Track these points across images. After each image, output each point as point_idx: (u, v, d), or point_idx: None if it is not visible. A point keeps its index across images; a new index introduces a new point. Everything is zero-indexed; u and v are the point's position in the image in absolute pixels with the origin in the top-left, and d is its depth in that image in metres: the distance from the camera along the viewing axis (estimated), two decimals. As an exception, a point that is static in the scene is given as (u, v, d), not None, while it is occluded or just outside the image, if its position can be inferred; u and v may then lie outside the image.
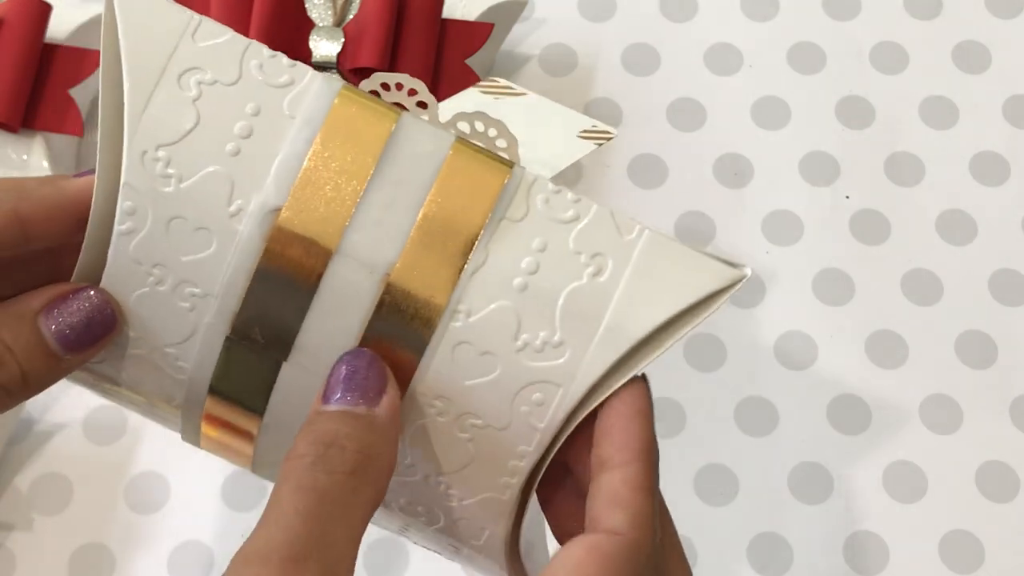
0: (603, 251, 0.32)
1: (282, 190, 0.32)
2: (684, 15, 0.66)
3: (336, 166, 0.32)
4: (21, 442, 0.55)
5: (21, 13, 0.56)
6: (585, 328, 0.32)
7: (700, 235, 0.60)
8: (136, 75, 0.32)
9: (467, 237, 0.32)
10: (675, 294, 0.32)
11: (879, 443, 0.56)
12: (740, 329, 0.58)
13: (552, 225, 0.32)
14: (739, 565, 0.54)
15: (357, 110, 0.32)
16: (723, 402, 0.57)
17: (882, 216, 0.61)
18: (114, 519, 0.54)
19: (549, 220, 0.32)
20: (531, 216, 0.32)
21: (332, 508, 0.29)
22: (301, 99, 0.32)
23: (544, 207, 0.32)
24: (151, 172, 0.32)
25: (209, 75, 0.32)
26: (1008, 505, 0.55)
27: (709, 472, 0.55)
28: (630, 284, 0.32)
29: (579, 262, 0.32)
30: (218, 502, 0.55)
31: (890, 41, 0.65)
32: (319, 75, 0.32)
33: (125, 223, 0.32)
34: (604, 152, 0.62)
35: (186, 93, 0.32)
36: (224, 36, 0.32)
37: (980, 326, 0.58)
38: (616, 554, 0.30)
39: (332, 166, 0.32)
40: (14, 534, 0.54)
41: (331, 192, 0.32)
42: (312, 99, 0.32)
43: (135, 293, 0.33)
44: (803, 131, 0.63)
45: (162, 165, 0.32)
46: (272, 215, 0.32)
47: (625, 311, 0.32)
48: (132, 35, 0.32)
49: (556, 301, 0.32)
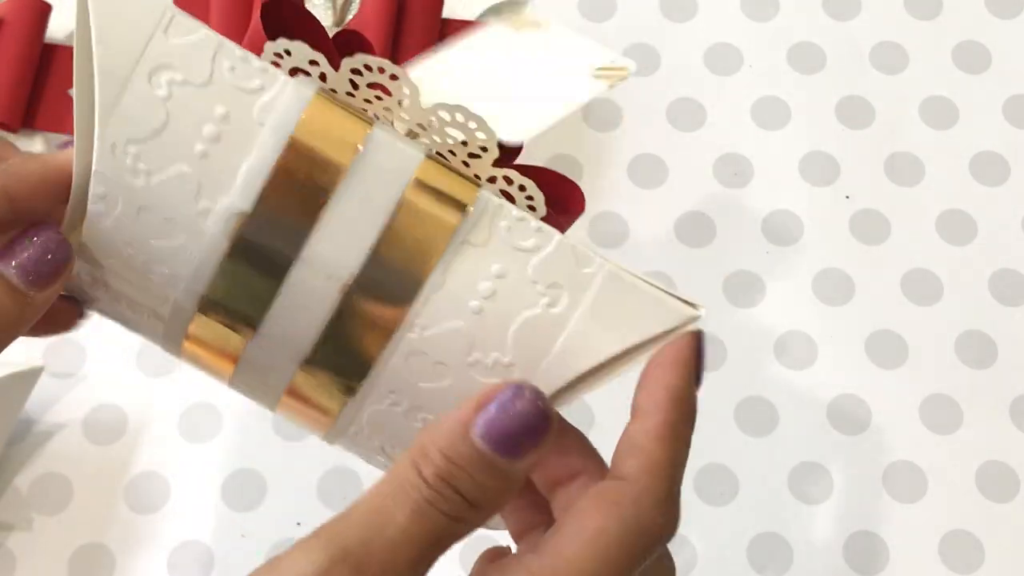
0: (560, 283, 0.33)
1: (248, 196, 0.32)
2: (684, 15, 0.66)
3: (303, 176, 0.32)
4: (21, 442, 0.55)
5: (21, 13, 0.56)
6: (534, 355, 0.33)
7: (699, 235, 0.60)
8: (107, 69, 0.32)
9: (428, 258, 0.32)
10: (625, 332, 0.33)
11: (879, 443, 0.56)
12: (740, 329, 0.58)
13: (512, 253, 0.33)
14: (739, 565, 0.54)
15: (328, 121, 0.32)
16: (723, 402, 0.57)
17: (882, 216, 0.61)
18: (114, 519, 0.54)
19: (510, 247, 0.33)
20: (492, 242, 0.33)
21: (435, 545, 0.29)
22: (272, 107, 0.32)
23: (506, 234, 0.33)
24: (121, 163, 0.32)
25: (180, 75, 0.32)
26: (1008, 505, 0.55)
27: (709, 472, 0.55)
28: (583, 318, 0.33)
29: (536, 291, 0.33)
30: (218, 502, 0.55)
31: (890, 41, 0.65)
32: (291, 81, 0.32)
33: (97, 204, 0.33)
34: (604, 152, 0.62)
35: (157, 91, 0.32)
36: (197, 34, 0.32)
37: (980, 326, 0.58)
38: (620, 500, 0.30)
39: (299, 176, 0.32)
40: (14, 534, 0.54)
41: (297, 202, 0.32)
42: (283, 107, 0.32)
43: (108, 259, 0.34)
44: (803, 131, 0.63)
45: (132, 159, 0.32)
46: (238, 218, 0.32)
47: (575, 344, 0.33)
48: (104, 27, 0.32)
49: (509, 327, 0.33)
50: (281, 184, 0.32)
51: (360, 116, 0.33)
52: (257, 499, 0.54)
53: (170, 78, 0.32)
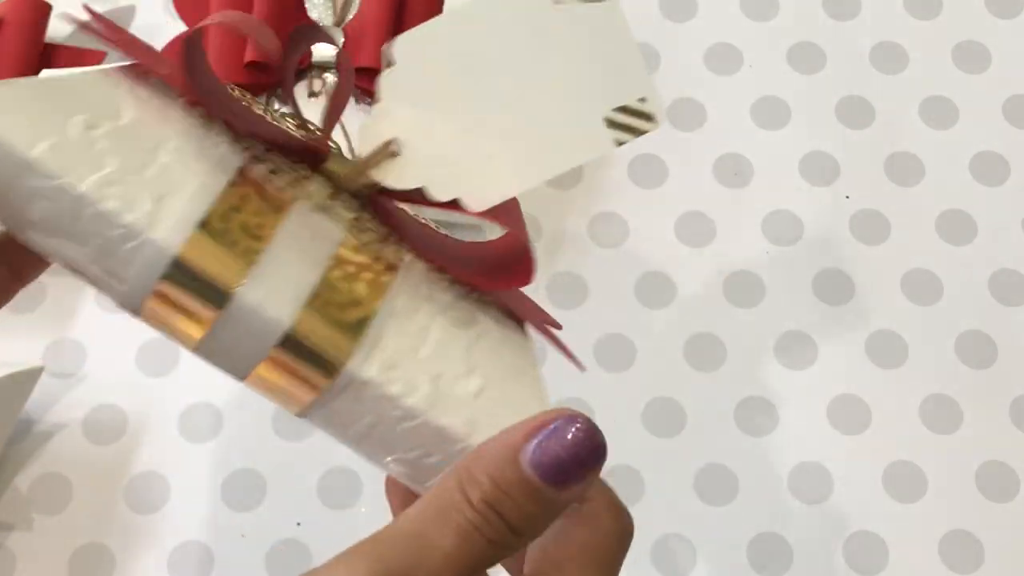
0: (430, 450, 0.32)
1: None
2: (684, 15, 0.66)
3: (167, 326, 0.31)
4: (21, 442, 0.55)
5: (21, 13, 0.56)
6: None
7: (699, 235, 0.60)
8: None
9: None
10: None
11: (879, 443, 0.56)
12: (740, 329, 0.58)
13: (379, 412, 0.32)
14: (739, 565, 0.54)
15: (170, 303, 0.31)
16: (723, 402, 0.57)
17: (882, 216, 0.61)
18: (114, 519, 0.54)
19: (377, 409, 0.32)
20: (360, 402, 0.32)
21: (475, 569, 0.29)
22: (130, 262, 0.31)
23: (372, 403, 0.32)
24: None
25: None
26: (1008, 505, 0.55)
27: (709, 472, 0.55)
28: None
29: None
30: (218, 502, 0.54)
31: (890, 41, 0.65)
32: (150, 240, 0.30)
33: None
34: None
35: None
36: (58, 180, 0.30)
37: (980, 326, 0.58)
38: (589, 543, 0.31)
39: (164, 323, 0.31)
40: (14, 534, 0.54)
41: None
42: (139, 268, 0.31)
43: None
44: (803, 131, 0.63)
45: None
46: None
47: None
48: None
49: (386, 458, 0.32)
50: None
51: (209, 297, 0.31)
52: (257, 499, 0.54)
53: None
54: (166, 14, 0.65)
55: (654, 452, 0.55)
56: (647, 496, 0.55)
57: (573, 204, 0.61)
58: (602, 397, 0.56)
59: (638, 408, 0.56)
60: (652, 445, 0.56)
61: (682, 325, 0.58)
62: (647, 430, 0.56)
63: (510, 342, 0.34)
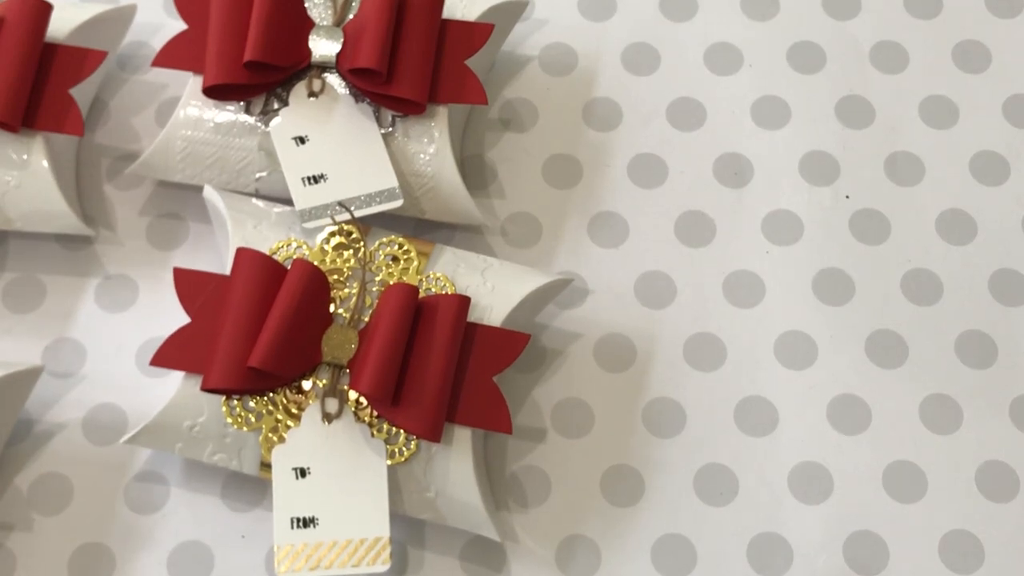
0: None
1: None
2: (684, 15, 0.66)
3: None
4: (21, 442, 0.55)
5: (21, 13, 0.56)
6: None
7: (699, 235, 0.60)
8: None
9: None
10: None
11: (879, 443, 0.56)
12: (740, 329, 0.58)
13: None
14: (739, 565, 0.54)
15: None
16: (723, 402, 0.57)
17: (882, 216, 0.61)
18: (114, 519, 0.54)
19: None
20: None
21: None
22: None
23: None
24: None
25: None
26: (1008, 505, 0.55)
27: (709, 472, 0.55)
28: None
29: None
30: (218, 502, 0.55)
31: (890, 41, 0.65)
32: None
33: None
34: (604, 152, 0.62)
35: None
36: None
37: (980, 326, 0.58)
38: None
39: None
40: (14, 534, 0.54)
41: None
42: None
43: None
44: (803, 131, 0.63)
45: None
46: None
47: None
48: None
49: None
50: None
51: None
52: (257, 499, 0.54)
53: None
54: (166, 14, 0.65)
55: (654, 452, 0.55)
56: (647, 496, 0.55)
57: (573, 204, 0.61)
58: (602, 397, 0.56)
59: (638, 408, 0.56)
60: (652, 445, 0.56)
61: (682, 325, 0.58)
62: (647, 430, 0.56)
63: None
